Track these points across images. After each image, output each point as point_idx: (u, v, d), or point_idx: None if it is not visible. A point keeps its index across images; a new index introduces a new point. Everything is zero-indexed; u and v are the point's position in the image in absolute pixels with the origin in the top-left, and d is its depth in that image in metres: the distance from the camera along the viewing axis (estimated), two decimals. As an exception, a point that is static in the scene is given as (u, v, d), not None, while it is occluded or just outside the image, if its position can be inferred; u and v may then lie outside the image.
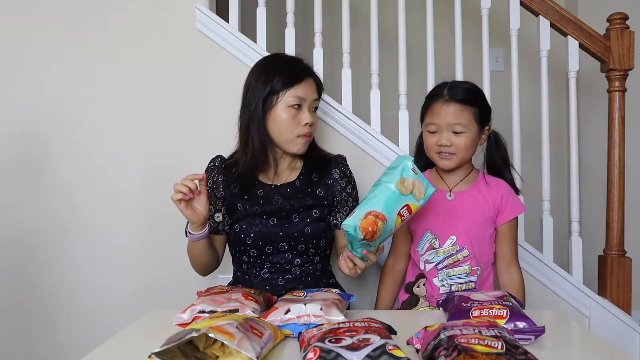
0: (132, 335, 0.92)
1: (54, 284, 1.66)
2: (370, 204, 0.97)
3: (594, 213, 2.15)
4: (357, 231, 0.95)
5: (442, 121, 1.24)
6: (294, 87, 1.24)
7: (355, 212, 0.97)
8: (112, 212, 1.66)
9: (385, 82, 1.71)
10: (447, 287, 1.27)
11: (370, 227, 0.95)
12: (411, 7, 1.77)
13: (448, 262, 1.28)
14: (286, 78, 1.24)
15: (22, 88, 1.68)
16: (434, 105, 1.27)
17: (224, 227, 1.32)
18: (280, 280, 1.28)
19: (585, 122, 2.29)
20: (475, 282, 1.28)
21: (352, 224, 0.96)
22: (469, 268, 1.27)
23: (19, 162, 1.67)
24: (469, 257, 1.27)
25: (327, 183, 1.32)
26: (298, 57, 1.35)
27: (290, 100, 1.24)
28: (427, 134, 1.29)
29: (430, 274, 1.30)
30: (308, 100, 1.26)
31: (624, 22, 1.60)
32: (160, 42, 1.66)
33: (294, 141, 1.26)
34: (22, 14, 1.67)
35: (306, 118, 1.25)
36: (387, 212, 0.97)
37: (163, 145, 1.66)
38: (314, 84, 1.30)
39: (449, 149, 1.25)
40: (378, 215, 0.96)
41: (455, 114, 1.24)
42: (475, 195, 1.30)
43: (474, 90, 1.29)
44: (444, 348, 0.68)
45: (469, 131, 1.25)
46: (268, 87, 1.24)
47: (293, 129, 1.24)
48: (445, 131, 1.25)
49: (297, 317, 0.90)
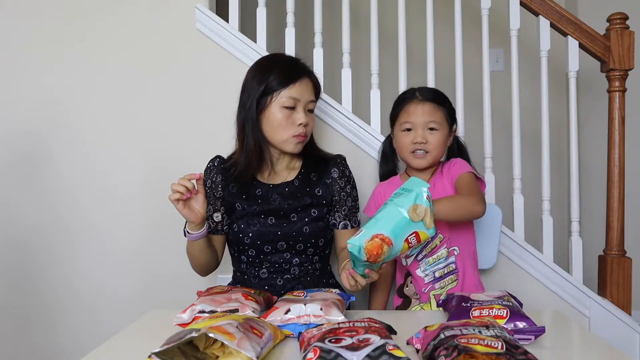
0: (132, 335, 0.92)
1: (54, 284, 1.66)
2: (378, 226, 0.93)
3: (594, 213, 2.15)
4: (362, 253, 0.92)
5: (418, 119, 1.31)
6: (288, 87, 1.24)
7: (362, 232, 0.94)
8: (112, 212, 1.66)
9: (385, 82, 1.71)
10: (430, 275, 1.30)
11: (376, 250, 0.92)
12: (411, 7, 1.77)
13: (426, 251, 1.30)
14: (280, 78, 1.24)
15: (22, 88, 1.68)
16: (408, 106, 1.34)
17: (223, 227, 1.32)
18: (279, 280, 1.28)
19: (585, 122, 2.28)
20: (454, 262, 1.30)
21: (357, 244, 0.92)
22: (446, 251, 1.29)
23: (19, 162, 1.67)
24: (444, 241, 1.30)
25: (326, 182, 1.32)
26: (296, 57, 1.35)
27: (284, 100, 1.24)
28: (401, 134, 1.34)
29: (413, 267, 1.32)
30: (303, 101, 1.26)
31: (624, 22, 1.60)
32: (160, 42, 1.66)
33: (288, 141, 1.26)
34: (22, 13, 1.67)
35: (300, 118, 1.25)
36: (394, 237, 0.93)
37: (163, 145, 1.66)
38: (310, 85, 1.29)
39: (424, 146, 1.30)
40: (385, 239, 0.93)
41: (430, 113, 1.31)
42: (439, 180, 1.34)
43: (441, 93, 1.37)
44: (444, 348, 0.68)
45: (442, 129, 1.32)
46: (262, 87, 1.24)
47: (287, 129, 1.24)
48: (421, 129, 1.31)
49: (297, 317, 0.90)
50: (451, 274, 1.29)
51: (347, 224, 1.32)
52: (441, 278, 1.29)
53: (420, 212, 0.95)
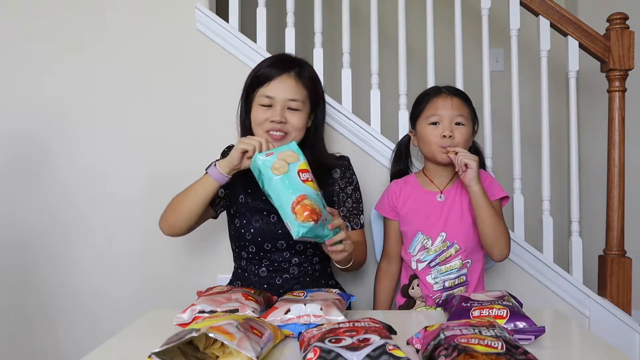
0: (132, 335, 0.92)
1: (53, 284, 1.66)
2: (284, 202, 1.00)
3: (594, 213, 2.15)
4: (306, 225, 0.98)
5: (447, 112, 1.29)
6: (264, 85, 1.26)
7: (287, 221, 1.01)
8: (112, 212, 1.66)
9: (385, 82, 1.71)
10: (440, 284, 1.28)
11: (306, 210, 0.98)
12: (411, 7, 1.77)
13: (440, 260, 1.29)
14: (259, 77, 1.27)
15: (22, 88, 1.67)
16: (435, 100, 1.32)
17: (219, 203, 1.33)
18: (278, 279, 1.28)
19: (585, 122, 2.28)
20: (466, 275, 1.29)
21: (296, 229, 0.99)
22: (460, 262, 1.28)
23: (19, 163, 1.67)
24: (460, 252, 1.29)
25: (328, 182, 1.32)
26: (287, 54, 1.37)
27: (260, 99, 1.27)
28: (427, 128, 1.31)
29: (423, 272, 1.30)
30: (279, 98, 1.25)
31: (624, 22, 1.60)
32: (160, 42, 1.66)
33: (265, 137, 1.24)
34: (21, 14, 1.67)
35: (273, 116, 1.24)
36: (295, 192, 1.00)
37: (163, 145, 1.65)
38: (291, 82, 1.27)
39: (452, 140, 1.27)
40: (298, 200, 0.99)
41: (458, 106, 1.30)
42: (461, 189, 1.32)
43: (466, 94, 1.36)
44: (444, 348, 0.68)
45: (468, 125, 1.30)
46: (247, 86, 1.30)
47: (263, 126, 1.26)
48: (448, 121, 1.28)
49: (297, 317, 0.90)
50: (460, 286, 1.28)
51: (346, 225, 1.32)
52: (450, 288, 1.28)
53: (278, 166, 1.02)
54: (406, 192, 1.36)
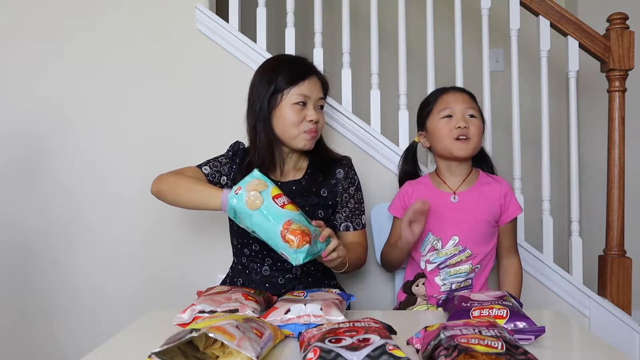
0: (132, 335, 0.92)
1: (53, 284, 1.66)
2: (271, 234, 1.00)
3: (594, 213, 2.15)
4: (302, 250, 0.98)
5: (459, 105, 1.31)
6: (298, 85, 1.25)
7: (281, 251, 1.01)
8: (112, 212, 1.66)
9: (385, 82, 1.71)
10: (447, 286, 1.28)
11: (297, 235, 0.98)
12: (411, 7, 1.77)
13: (450, 263, 1.28)
14: (290, 76, 1.26)
15: (21, 88, 1.67)
16: (445, 95, 1.34)
17: (221, 182, 1.33)
18: (281, 279, 1.28)
19: (585, 122, 2.28)
20: (472, 279, 1.30)
21: (294, 256, 0.99)
22: (469, 267, 1.28)
23: (18, 163, 1.67)
24: (471, 258, 1.28)
25: (331, 183, 1.32)
26: (302, 56, 1.36)
27: (294, 98, 1.25)
28: (440, 122, 1.32)
29: (432, 273, 1.30)
30: (312, 98, 1.27)
31: (624, 22, 1.60)
32: (160, 42, 1.66)
33: (300, 137, 1.26)
34: (20, 13, 1.67)
35: (311, 115, 1.26)
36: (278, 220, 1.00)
37: (162, 145, 1.65)
38: (319, 83, 1.31)
39: (467, 131, 1.28)
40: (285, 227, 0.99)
41: (468, 101, 1.32)
42: (477, 195, 1.31)
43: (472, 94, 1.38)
44: (444, 348, 0.68)
45: (479, 120, 1.32)
46: (272, 86, 1.26)
47: (298, 126, 1.25)
48: (461, 114, 1.30)
49: (297, 317, 0.90)
50: (465, 289, 1.29)
51: (348, 226, 1.32)
52: (456, 290, 1.28)
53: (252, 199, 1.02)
54: (419, 192, 1.36)
